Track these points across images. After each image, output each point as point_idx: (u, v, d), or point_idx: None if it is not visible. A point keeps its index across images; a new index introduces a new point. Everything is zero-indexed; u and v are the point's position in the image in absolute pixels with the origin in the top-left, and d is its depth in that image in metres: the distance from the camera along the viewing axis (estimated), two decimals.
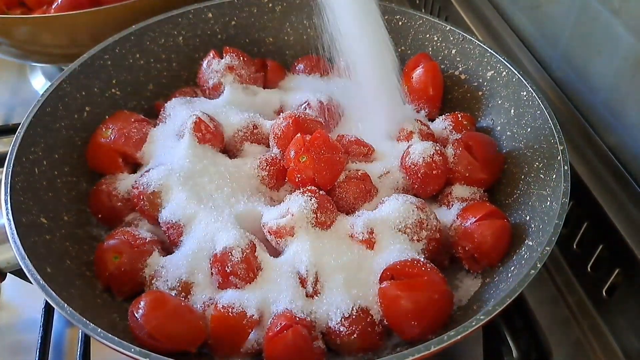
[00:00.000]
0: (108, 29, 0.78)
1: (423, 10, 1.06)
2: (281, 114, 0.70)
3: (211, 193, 0.64)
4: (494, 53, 0.73)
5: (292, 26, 0.88)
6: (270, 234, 0.61)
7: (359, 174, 0.65)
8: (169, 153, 0.68)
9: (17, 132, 0.64)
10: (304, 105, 0.74)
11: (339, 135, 0.70)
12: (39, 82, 1.04)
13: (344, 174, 0.65)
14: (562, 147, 0.61)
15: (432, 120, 0.77)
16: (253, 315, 0.55)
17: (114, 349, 0.47)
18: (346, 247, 0.60)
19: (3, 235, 0.56)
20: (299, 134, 0.65)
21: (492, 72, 0.74)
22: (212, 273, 0.59)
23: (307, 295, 0.58)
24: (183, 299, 0.58)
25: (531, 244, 0.58)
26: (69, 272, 0.59)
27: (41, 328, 0.66)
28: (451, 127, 0.73)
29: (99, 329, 0.48)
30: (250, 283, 0.57)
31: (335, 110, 0.75)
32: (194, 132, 0.67)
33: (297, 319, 0.54)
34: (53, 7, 0.89)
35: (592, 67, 0.70)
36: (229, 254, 0.58)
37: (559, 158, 0.60)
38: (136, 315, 0.53)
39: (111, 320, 0.57)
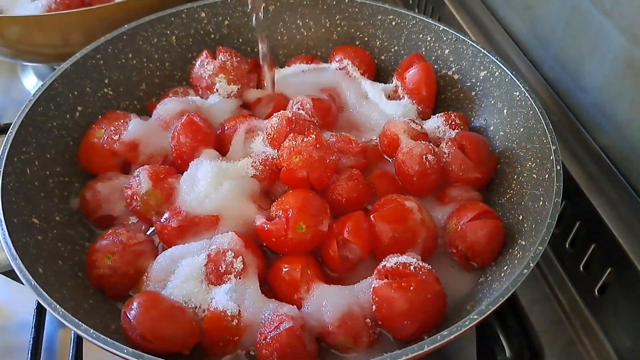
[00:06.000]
0: (100, 28, 0.78)
1: (416, 11, 1.06)
2: (274, 114, 0.70)
3: (206, 193, 0.64)
4: (487, 53, 0.73)
5: (285, 26, 0.88)
6: (265, 236, 0.61)
7: (353, 173, 0.65)
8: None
9: (8, 132, 0.64)
10: (297, 104, 0.74)
11: (332, 134, 0.70)
12: (31, 81, 1.03)
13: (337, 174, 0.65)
14: (554, 147, 0.61)
15: (425, 120, 0.77)
16: (247, 316, 0.55)
17: (107, 350, 0.47)
18: None
19: None
20: (292, 134, 0.65)
21: (485, 72, 0.74)
22: (205, 273, 0.58)
23: (301, 296, 0.58)
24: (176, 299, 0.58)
25: (524, 243, 0.58)
26: (61, 273, 0.59)
27: (33, 329, 0.65)
28: (444, 127, 0.73)
29: (92, 330, 0.48)
30: (243, 282, 0.57)
31: (330, 109, 0.75)
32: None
33: (291, 318, 0.54)
34: (44, 5, 0.88)
35: (584, 67, 0.71)
36: (223, 254, 0.58)
37: (551, 158, 0.60)
38: (129, 316, 0.53)
39: (104, 321, 0.57)
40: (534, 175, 0.63)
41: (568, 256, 0.69)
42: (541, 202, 0.59)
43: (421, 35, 0.81)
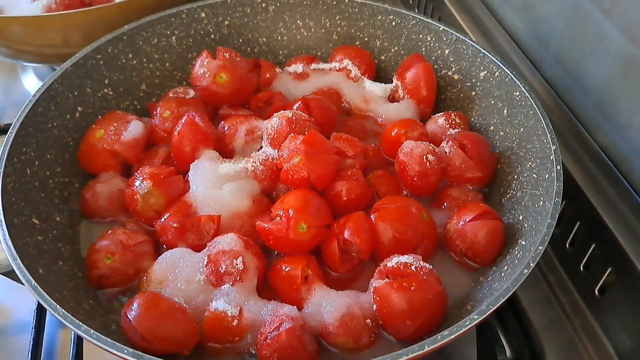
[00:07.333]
0: (100, 29, 0.78)
1: (416, 11, 1.06)
2: (274, 114, 0.70)
3: (206, 194, 0.64)
4: (487, 53, 0.73)
5: (285, 26, 0.88)
6: (266, 236, 0.61)
7: (353, 173, 0.65)
8: None
9: (8, 133, 0.64)
10: (297, 105, 0.74)
11: (333, 134, 0.70)
12: (31, 81, 1.03)
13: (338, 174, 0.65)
14: (554, 147, 0.61)
15: (425, 119, 0.77)
16: (247, 317, 0.55)
17: (107, 351, 0.47)
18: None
19: None
20: (292, 134, 0.66)
21: (485, 72, 0.74)
22: (206, 273, 0.58)
23: (301, 296, 0.58)
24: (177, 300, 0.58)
25: (524, 243, 0.58)
26: (61, 273, 0.59)
27: (33, 330, 0.65)
28: (445, 127, 0.73)
29: (92, 331, 0.48)
30: (243, 282, 0.57)
31: (330, 109, 0.75)
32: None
33: (291, 319, 0.54)
34: (44, 6, 0.88)
35: (584, 67, 0.71)
36: (223, 255, 0.58)
37: (551, 158, 0.60)
38: (129, 316, 0.53)
39: (104, 322, 0.57)
40: (534, 175, 0.63)
41: (568, 256, 0.69)
42: (541, 202, 0.59)
43: (421, 36, 0.81)
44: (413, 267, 0.56)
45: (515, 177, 0.66)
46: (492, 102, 0.73)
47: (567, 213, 0.68)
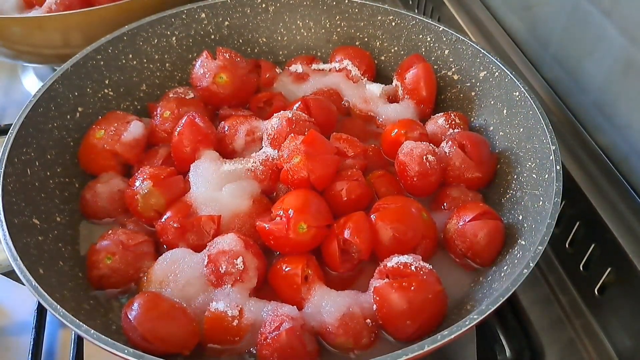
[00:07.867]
0: (101, 29, 0.78)
1: (416, 11, 1.06)
2: (275, 114, 0.70)
3: (207, 195, 0.64)
4: (487, 54, 0.73)
5: (285, 26, 0.88)
6: (266, 236, 0.61)
7: (353, 173, 0.65)
8: None
9: (8, 133, 0.64)
10: (297, 105, 0.74)
11: (333, 135, 0.70)
12: (31, 82, 1.04)
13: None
14: (554, 147, 0.61)
15: (425, 120, 0.77)
16: (247, 317, 0.55)
17: (107, 351, 0.47)
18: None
19: None
20: (292, 134, 0.66)
21: (485, 72, 0.74)
22: (206, 274, 0.59)
23: (302, 296, 0.58)
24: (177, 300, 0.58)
25: (524, 243, 0.58)
26: (61, 274, 0.59)
27: (33, 330, 0.65)
28: (445, 127, 0.73)
29: (92, 331, 0.48)
30: (243, 282, 0.57)
31: (330, 110, 0.75)
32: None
33: (292, 319, 0.54)
34: (45, 7, 0.89)
35: (584, 67, 0.71)
36: (223, 255, 0.58)
37: (551, 158, 0.60)
38: (129, 316, 0.53)
39: (104, 322, 0.57)
40: (534, 175, 0.63)
41: (568, 256, 0.69)
42: (541, 202, 0.59)
43: (421, 36, 0.81)
44: (413, 267, 0.56)
45: (515, 177, 0.66)
46: (492, 102, 0.73)
47: (567, 213, 0.68)
